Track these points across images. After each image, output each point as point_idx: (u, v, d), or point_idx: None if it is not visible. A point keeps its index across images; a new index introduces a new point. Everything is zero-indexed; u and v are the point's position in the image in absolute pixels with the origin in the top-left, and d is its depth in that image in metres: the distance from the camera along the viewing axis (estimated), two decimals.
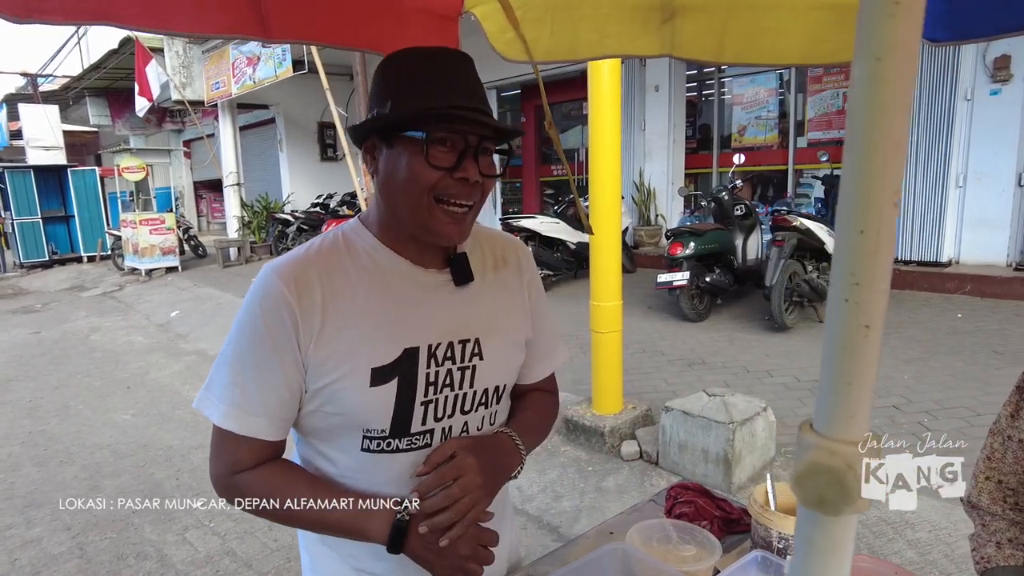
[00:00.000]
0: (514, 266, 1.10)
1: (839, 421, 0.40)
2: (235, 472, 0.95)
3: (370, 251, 0.97)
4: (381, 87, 0.93)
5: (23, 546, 3.12)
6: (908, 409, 3.81)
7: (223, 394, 0.93)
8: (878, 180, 0.35)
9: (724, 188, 6.26)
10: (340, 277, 0.94)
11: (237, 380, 0.92)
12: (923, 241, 6.67)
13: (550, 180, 11.77)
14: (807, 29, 1.35)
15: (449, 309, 1.00)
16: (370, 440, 0.96)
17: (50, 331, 8.14)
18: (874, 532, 2.69)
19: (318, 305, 0.91)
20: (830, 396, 0.39)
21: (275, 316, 0.90)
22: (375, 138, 0.94)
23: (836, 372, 0.39)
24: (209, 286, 10.12)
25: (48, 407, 5.18)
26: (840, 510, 0.40)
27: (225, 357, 0.94)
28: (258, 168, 15.86)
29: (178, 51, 11.91)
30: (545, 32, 1.45)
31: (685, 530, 1.23)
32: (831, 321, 0.39)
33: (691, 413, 3.23)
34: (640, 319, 6.10)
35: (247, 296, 0.95)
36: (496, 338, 1.04)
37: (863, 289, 0.36)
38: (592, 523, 3.09)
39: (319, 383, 0.93)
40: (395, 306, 0.96)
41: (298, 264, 0.94)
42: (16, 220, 14.10)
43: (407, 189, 0.90)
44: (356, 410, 0.93)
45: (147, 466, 3.97)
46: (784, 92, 8.62)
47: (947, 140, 6.40)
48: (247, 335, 0.93)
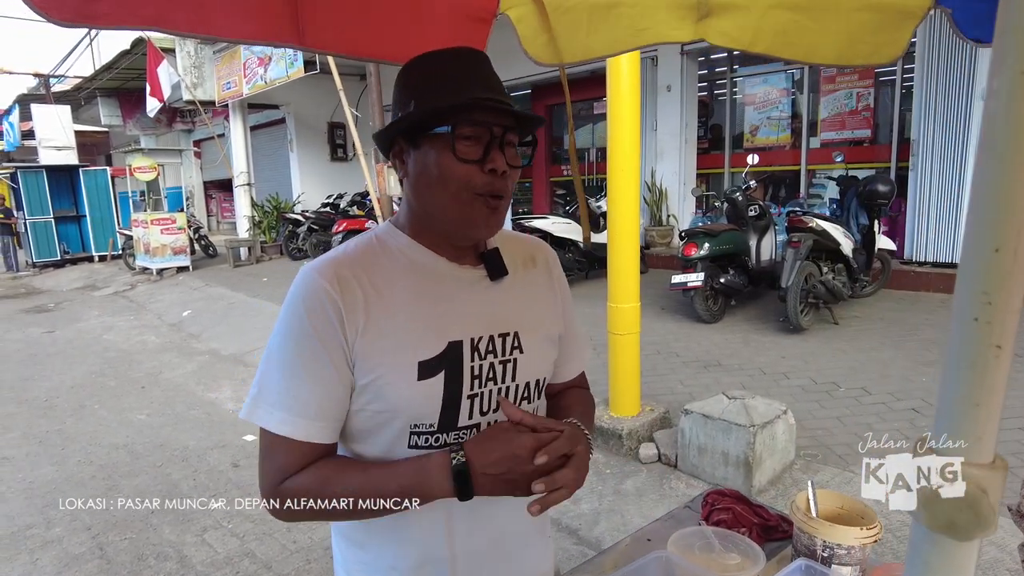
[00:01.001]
0: (542, 266, 1.11)
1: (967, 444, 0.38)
2: (286, 478, 0.92)
3: (405, 250, 0.97)
4: (403, 92, 0.95)
5: (44, 546, 3.13)
6: (928, 412, 3.77)
7: (277, 400, 0.90)
8: (1018, 198, 0.33)
9: (738, 188, 6.23)
10: (379, 274, 0.94)
11: (290, 384, 0.90)
12: (939, 242, 6.62)
13: (560, 180, 11.75)
14: (846, 30, 1.33)
15: (487, 303, 1.00)
16: (418, 436, 0.94)
17: (64, 330, 8.18)
18: (898, 537, 2.67)
19: (360, 301, 0.91)
20: (956, 417, 0.38)
21: (321, 313, 0.89)
22: (401, 142, 0.94)
23: (963, 392, 0.38)
24: (220, 286, 10.15)
25: (64, 406, 5.20)
26: (971, 535, 0.39)
27: (273, 362, 0.92)
28: (268, 168, 15.91)
29: (189, 51, 11.95)
30: (582, 32, 1.44)
31: (726, 538, 1.22)
32: (957, 339, 0.38)
33: (711, 416, 3.21)
34: (653, 320, 6.08)
35: (288, 299, 0.93)
36: (533, 332, 1.04)
37: (996, 309, 0.35)
38: (611, 526, 3.08)
39: (366, 379, 0.91)
40: (435, 301, 0.95)
41: (337, 263, 0.93)
42: (29, 220, 14.21)
43: (442, 186, 0.91)
44: (404, 405, 0.92)
45: (164, 466, 3.98)
46: (796, 92, 8.57)
47: (964, 140, 6.34)
48: (294, 337, 0.91)
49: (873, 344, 5.05)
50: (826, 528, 1.16)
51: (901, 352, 4.82)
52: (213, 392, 5.39)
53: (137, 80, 13.46)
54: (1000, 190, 0.35)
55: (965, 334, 0.38)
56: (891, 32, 1.25)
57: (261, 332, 7.05)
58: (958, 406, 0.38)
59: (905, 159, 7.15)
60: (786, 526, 1.38)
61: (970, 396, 0.38)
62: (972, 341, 0.37)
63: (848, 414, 3.85)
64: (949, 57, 6.28)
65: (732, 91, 9.27)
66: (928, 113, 6.55)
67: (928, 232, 6.68)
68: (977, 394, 0.37)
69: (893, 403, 3.94)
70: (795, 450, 3.37)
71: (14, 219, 14.37)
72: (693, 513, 1.45)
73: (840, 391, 4.19)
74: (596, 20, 1.47)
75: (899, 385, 4.19)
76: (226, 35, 1.18)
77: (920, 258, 6.75)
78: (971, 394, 0.38)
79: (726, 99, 9.33)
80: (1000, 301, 0.35)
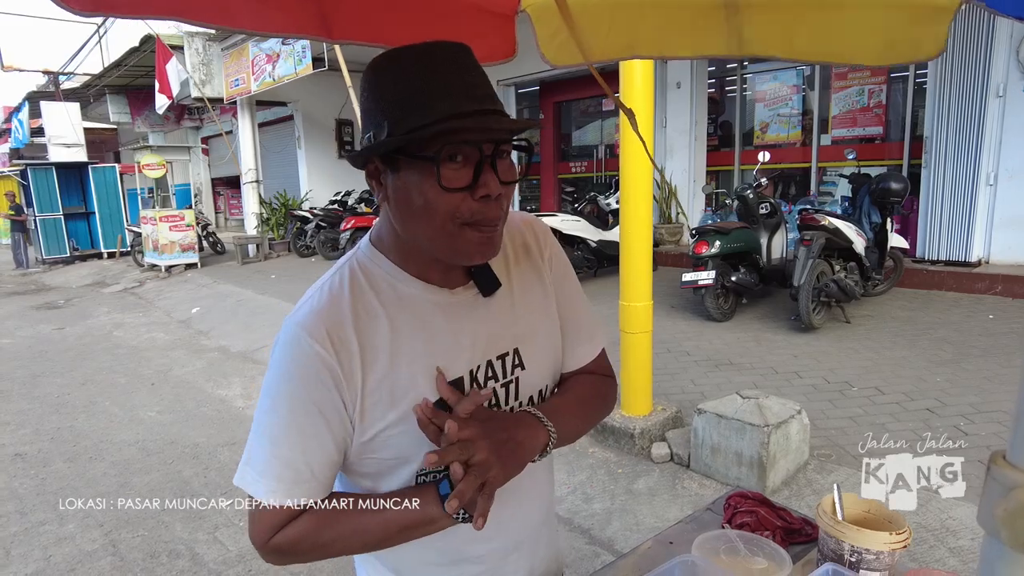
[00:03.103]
0: (535, 249, 1.03)
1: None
2: (273, 535, 0.88)
3: (391, 281, 0.90)
4: (372, 103, 0.82)
5: (57, 543, 3.14)
6: (943, 413, 3.74)
7: (265, 470, 0.85)
8: None
9: (749, 186, 6.19)
10: (370, 319, 0.87)
11: (279, 453, 0.85)
12: (952, 240, 6.57)
13: (569, 177, 11.72)
14: (880, 25, 1.30)
15: (482, 326, 0.94)
16: (425, 476, 0.91)
17: (73, 327, 8.22)
18: (915, 540, 2.64)
19: (356, 357, 0.85)
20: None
21: (314, 379, 0.84)
22: (377, 161, 0.84)
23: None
24: (229, 283, 10.18)
25: (75, 403, 5.22)
26: None
27: (262, 429, 0.87)
28: (276, 165, 15.94)
29: (198, 48, 11.97)
30: (603, 30, 1.41)
31: (751, 541, 1.20)
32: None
33: (725, 416, 3.19)
34: (664, 318, 6.05)
35: (276, 358, 0.87)
36: (534, 341, 0.99)
37: None
38: (624, 526, 3.06)
39: (368, 434, 0.88)
40: (429, 339, 0.89)
41: (326, 316, 0.86)
42: (38, 216, 14.28)
43: (426, 217, 0.81)
44: (411, 452, 0.89)
45: (175, 463, 3.99)
46: (807, 88, 8.50)
47: (978, 137, 6.28)
48: (285, 403, 0.85)
49: (886, 343, 5.01)
50: (854, 532, 1.14)
51: (914, 351, 4.77)
52: (223, 389, 5.40)
53: (146, 77, 13.50)
54: None
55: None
56: (929, 27, 1.22)
57: (270, 329, 7.06)
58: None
59: (918, 157, 7.09)
60: (809, 529, 1.36)
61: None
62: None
63: (862, 414, 3.82)
64: (963, 54, 6.22)
65: (742, 88, 9.21)
66: (941, 110, 6.49)
67: (941, 230, 6.62)
68: None
69: (907, 403, 3.91)
70: (809, 450, 3.34)
71: (24, 216, 14.45)
72: (715, 515, 1.43)
73: (853, 391, 4.16)
74: (619, 18, 1.44)
75: (913, 385, 4.16)
76: (250, 27, 1.17)
77: (933, 256, 6.69)
78: None
79: (736, 96, 9.27)
80: None
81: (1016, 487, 0.35)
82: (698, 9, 1.35)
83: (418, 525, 0.87)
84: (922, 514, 2.77)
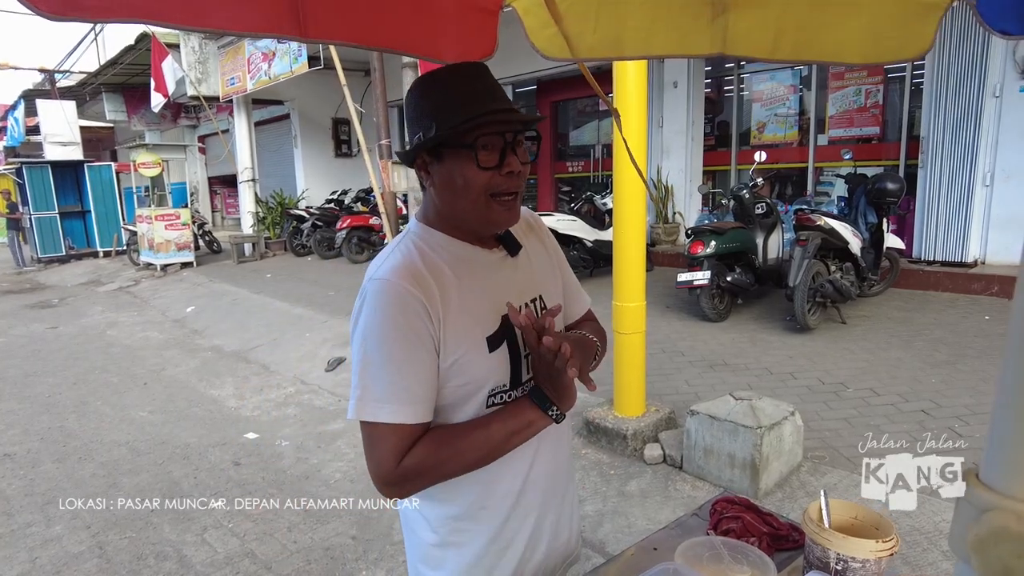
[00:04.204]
0: (536, 231, 1.30)
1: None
2: (403, 457, 1.03)
3: (445, 245, 1.12)
4: (420, 112, 1.06)
5: (43, 544, 3.11)
6: (938, 414, 3.72)
7: (385, 394, 1.02)
8: None
9: (745, 186, 6.17)
10: (438, 270, 1.08)
11: (396, 379, 1.02)
12: (948, 241, 6.55)
13: (565, 177, 11.69)
14: (867, 24, 1.28)
15: (515, 277, 1.19)
16: (495, 396, 1.11)
17: (67, 326, 8.18)
18: (907, 542, 2.62)
19: (437, 297, 1.05)
20: (1009, 448, 0.33)
21: (412, 312, 1.02)
22: (425, 156, 1.08)
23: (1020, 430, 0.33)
24: (224, 282, 10.14)
25: (66, 403, 5.19)
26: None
27: (373, 363, 1.03)
28: (273, 164, 15.89)
29: (194, 47, 11.92)
30: (589, 28, 1.39)
31: (736, 548, 1.17)
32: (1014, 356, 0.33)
33: (717, 417, 3.17)
34: (658, 319, 6.02)
35: (372, 306, 1.04)
36: (550, 291, 1.25)
37: None
38: (616, 528, 3.04)
39: (449, 360, 1.06)
40: (482, 285, 1.12)
41: (406, 265, 1.06)
42: (34, 215, 14.21)
43: (465, 193, 1.05)
44: (483, 374, 1.09)
45: (165, 464, 3.96)
46: (804, 88, 8.49)
47: (974, 137, 6.27)
48: (391, 336, 1.03)
49: (881, 344, 4.99)
50: (840, 540, 1.12)
51: (910, 352, 4.76)
52: (215, 389, 5.37)
53: (142, 76, 13.44)
54: None
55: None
56: (916, 25, 1.19)
57: (264, 328, 7.03)
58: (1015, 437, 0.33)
59: (914, 157, 7.07)
60: (797, 536, 1.33)
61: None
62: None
63: (856, 415, 3.80)
64: (960, 54, 6.20)
65: (739, 88, 9.19)
66: (938, 111, 6.47)
67: (937, 231, 6.61)
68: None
69: (902, 404, 3.89)
70: (802, 452, 3.32)
71: (20, 214, 14.39)
72: (701, 521, 1.41)
73: (848, 392, 4.14)
74: (605, 16, 1.42)
75: (908, 386, 4.14)
76: (223, 27, 1.14)
77: (929, 257, 6.67)
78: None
79: (733, 96, 9.26)
80: None
81: (989, 510, 0.33)
82: (684, 7, 1.32)
83: (521, 429, 1.07)
84: (915, 517, 2.75)
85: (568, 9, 1.40)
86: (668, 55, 1.36)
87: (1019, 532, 0.32)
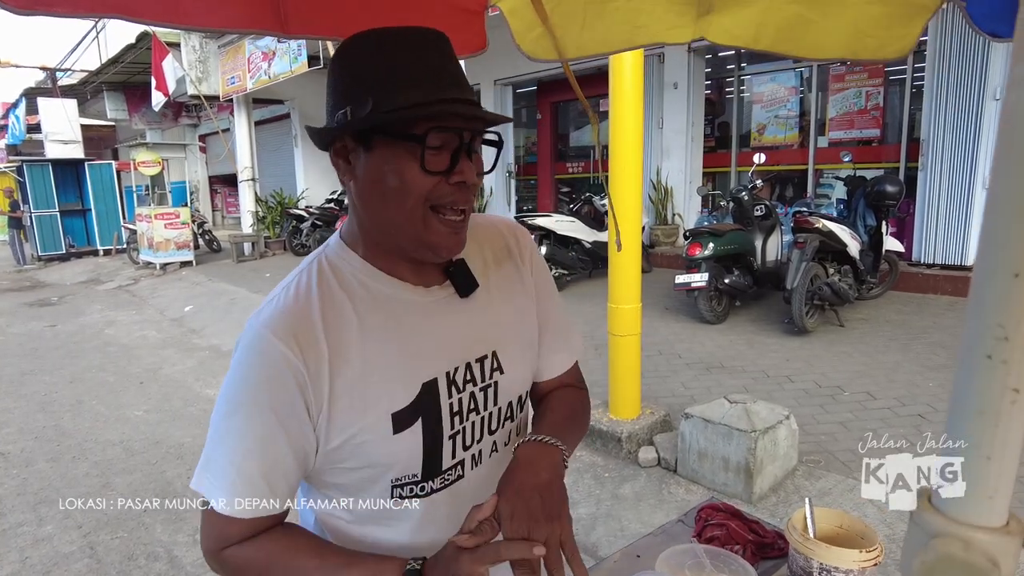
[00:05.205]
0: (515, 254, 1.01)
1: (974, 502, 0.32)
2: (226, 547, 0.84)
3: (361, 278, 0.86)
4: (350, 79, 0.79)
5: (34, 544, 3.10)
6: (935, 418, 3.70)
7: (220, 478, 0.81)
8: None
9: (744, 188, 6.14)
10: (339, 320, 0.83)
11: (235, 460, 0.81)
12: (948, 244, 6.52)
13: (565, 178, 11.67)
14: (853, 24, 1.27)
15: (459, 327, 0.90)
16: (401, 488, 0.88)
17: (65, 324, 8.17)
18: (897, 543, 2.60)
19: (324, 359, 0.80)
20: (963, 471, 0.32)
21: (278, 383, 0.79)
22: (348, 139, 0.81)
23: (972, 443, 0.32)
24: (223, 281, 10.14)
25: (62, 401, 5.18)
26: None
27: (219, 435, 0.82)
28: (273, 163, 15.89)
29: (195, 46, 11.92)
30: (576, 27, 1.38)
31: (718, 557, 1.16)
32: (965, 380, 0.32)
33: (711, 420, 3.15)
34: (656, 320, 6.01)
35: (237, 361, 0.82)
36: (513, 345, 0.97)
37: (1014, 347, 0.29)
38: (608, 531, 3.02)
39: (336, 441, 0.83)
40: (402, 338, 0.86)
41: (293, 315, 0.81)
42: (34, 213, 14.23)
43: (399, 199, 0.79)
44: (382, 461, 0.85)
45: (158, 463, 3.95)
46: (805, 90, 8.46)
47: (975, 140, 6.24)
48: (245, 408, 0.81)
49: (879, 347, 4.97)
50: (823, 550, 1.10)
51: (908, 356, 4.73)
52: (211, 389, 5.35)
53: (143, 74, 13.44)
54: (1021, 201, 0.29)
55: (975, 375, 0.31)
56: (900, 27, 1.18)
57: None
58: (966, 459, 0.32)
59: (914, 159, 7.04)
60: (782, 543, 1.32)
61: (980, 447, 0.32)
62: (984, 383, 0.31)
63: (852, 419, 3.78)
64: (960, 55, 6.18)
65: (740, 89, 9.17)
66: (938, 113, 6.44)
67: (937, 234, 6.58)
68: (989, 446, 0.31)
69: (899, 408, 3.87)
70: (798, 456, 3.30)
71: (21, 212, 14.40)
72: (686, 528, 1.39)
73: (845, 395, 4.12)
74: (592, 15, 1.41)
75: (905, 390, 4.12)
76: (200, 24, 1.12)
77: (928, 260, 6.65)
78: (982, 445, 0.32)
79: (733, 97, 9.23)
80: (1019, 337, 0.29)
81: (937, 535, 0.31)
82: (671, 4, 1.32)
83: None
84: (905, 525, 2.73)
85: (555, 8, 1.38)
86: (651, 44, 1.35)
87: (965, 560, 0.31)
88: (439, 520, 0.92)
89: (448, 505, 0.92)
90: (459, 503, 0.88)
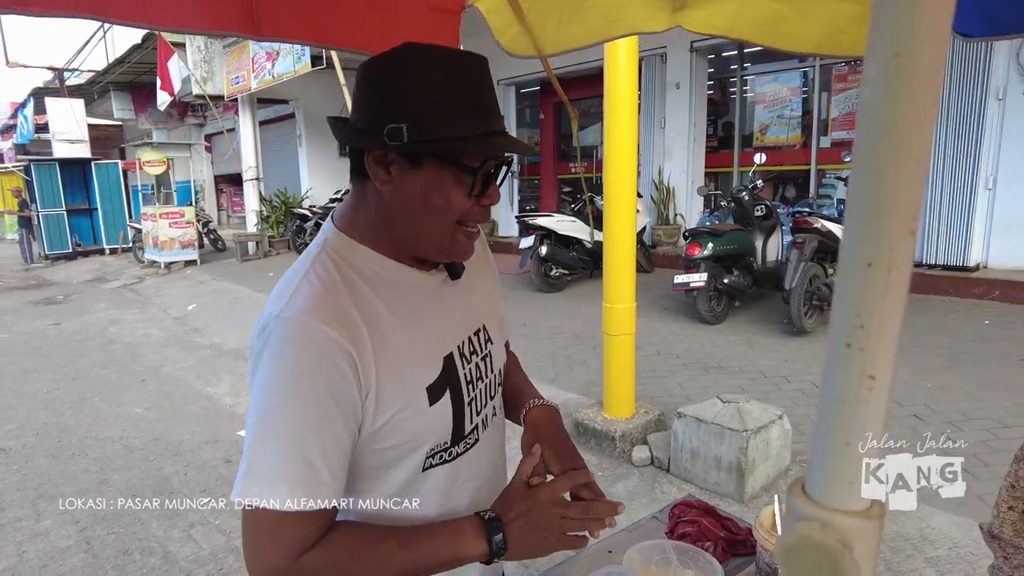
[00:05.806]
0: (479, 248, 1.06)
1: (835, 487, 0.33)
2: (301, 554, 0.80)
3: (373, 267, 0.90)
4: (408, 94, 0.81)
5: (32, 539, 3.13)
6: (931, 419, 3.69)
7: (278, 474, 0.78)
8: (892, 204, 0.28)
9: (744, 188, 6.14)
10: (368, 305, 0.86)
11: (296, 453, 0.78)
12: (949, 244, 6.50)
13: (568, 178, 11.68)
14: (826, 19, 1.28)
15: (457, 305, 1.00)
16: (433, 456, 0.93)
17: (70, 323, 8.24)
18: (892, 548, 2.60)
19: (367, 342, 0.83)
20: (825, 457, 0.33)
21: (332, 367, 0.80)
22: (396, 154, 0.82)
23: (834, 429, 0.33)
24: (227, 280, 10.19)
25: (64, 399, 5.23)
26: None
27: (270, 431, 0.80)
28: (277, 163, 15.96)
29: (199, 46, 11.99)
30: (553, 23, 1.39)
31: (686, 552, 1.17)
32: (829, 369, 0.33)
33: (704, 420, 3.15)
34: (655, 320, 6.01)
35: (279, 352, 0.80)
36: (493, 319, 1.08)
37: (869, 334, 0.30)
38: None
39: (381, 420, 0.85)
40: (420, 319, 0.92)
41: (329, 303, 0.83)
42: (41, 212, 14.34)
43: (437, 216, 0.86)
44: (421, 433, 0.90)
45: (157, 460, 3.98)
46: (808, 90, 8.44)
47: (977, 140, 6.21)
48: (298, 397, 0.80)
49: None
50: None
51: (906, 356, 4.72)
52: (212, 387, 5.39)
53: (149, 74, 13.53)
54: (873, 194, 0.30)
55: (837, 363, 0.33)
56: None
57: None
58: (829, 445, 0.33)
59: None
60: (754, 541, 1.32)
61: (840, 433, 0.33)
62: (843, 371, 0.32)
63: None
64: (962, 56, 6.15)
65: (742, 89, 9.15)
66: (940, 113, 6.41)
67: (939, 234, 6.55)
68: (848, 431, 0.32)
69: (895, 409, 3.86)
70: (791, 456, 3.30)
71: (28, 211, 14.52)
72: (660, 524, 1.40)
73: None
74: (569, 11, 1.42)
75: (901, 391, 4.10)
76: (174, 25, 1.15)
77: (930, 261, 6.62)
78: (842, 431, 0.33)
79: (736, 97, 9.21)
80: (873, 326, 0.30)
81: (801, 519, 0.32)
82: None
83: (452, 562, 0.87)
84: (900, 523, 2.73)
85: (531, 6, 1.40)
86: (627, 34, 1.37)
87: (821, 542, 0.31)
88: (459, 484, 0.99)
89: (467, 469, 1.00)
90: (475, 466, 1.01)
